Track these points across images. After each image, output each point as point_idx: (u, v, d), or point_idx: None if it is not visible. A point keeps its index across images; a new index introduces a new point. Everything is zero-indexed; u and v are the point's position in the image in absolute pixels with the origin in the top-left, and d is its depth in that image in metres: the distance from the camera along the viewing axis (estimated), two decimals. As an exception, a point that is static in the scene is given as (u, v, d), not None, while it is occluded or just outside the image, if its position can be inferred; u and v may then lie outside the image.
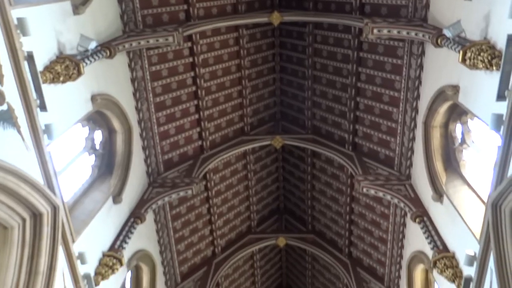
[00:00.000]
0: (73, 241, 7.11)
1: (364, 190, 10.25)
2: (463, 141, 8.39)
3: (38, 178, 6.26)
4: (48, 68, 6.51)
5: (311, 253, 14.58)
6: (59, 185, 6.85)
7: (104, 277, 7.99)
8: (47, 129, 6.42)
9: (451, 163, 8.72)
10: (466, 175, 8.39)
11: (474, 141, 8.20)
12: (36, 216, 6.16)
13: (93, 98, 7.96)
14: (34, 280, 5.90)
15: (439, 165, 8.69)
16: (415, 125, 9.52)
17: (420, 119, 9.11)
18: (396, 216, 10.80)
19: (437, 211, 8.73)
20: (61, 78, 6.66)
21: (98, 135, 9.12)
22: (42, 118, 6.34)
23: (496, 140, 6.29)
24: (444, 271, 7.66)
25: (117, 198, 8.99)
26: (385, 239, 11.52)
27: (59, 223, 6.37)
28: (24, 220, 6.06)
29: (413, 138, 9.69)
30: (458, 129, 8.55)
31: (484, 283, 6.58)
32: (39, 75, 6.24)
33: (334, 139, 12.22)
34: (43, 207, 6.17)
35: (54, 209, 6.31)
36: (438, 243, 8.29)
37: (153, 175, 10.88)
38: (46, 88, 6.46)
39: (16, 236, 5.98)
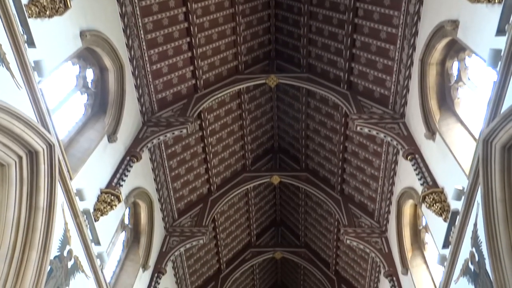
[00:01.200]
0: (71, 179, 7.23)
1: (358, 128, 10.34)
2: (459, 78, 8.34)
3: (31, 116, 6.22)
4: (33, 1, 6.23)
5: (304, 190, 14.97)
6: (53, 123, 6.83)
7: (103, 213, 8.21)
8: (37, 66, 6.28)
9: (446, 101, 8.73)
10: (460, 113, 8.45)
11: (470, 78, 8.16)
12: (32, 154, 6.19)
13: (82, 34, 7.71)
14: (35, 215, 6.06)
15: (433, 103, 8.70)
16: (412, 63, 9.40)
17: (417, 56, 8.98)
18: (389, 154, 10.99)
19: (429, 149, 8.88)
20: (48, 12, 6.40)
21: (90, 74, 8.95)
22: (31, 55, 6.18)
23: (492, 77, 6.27)
24: (433, 205, 7.94)
25: (112, 137, 9.01)
26: (377, 176, 11.81)
27: (56, 160, 6.42)
28: (20, 158, 6.09)
29: (409, 76, 9.61)
30: (454, 66, 8.47)
31: (470, 216, 6.85)
32: (24, 8, 5.99)
33: (329, 78, 12.10)
34: (39, 145, 6.19)
35: (50, 146, 6.33)
36: (428, 179, 8.52)
37: (147, 114, 10.84)
38: (33, 23, 6.23)
39: (14, 174, 6.05)
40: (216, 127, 13.05)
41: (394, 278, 10.93)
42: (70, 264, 7.22)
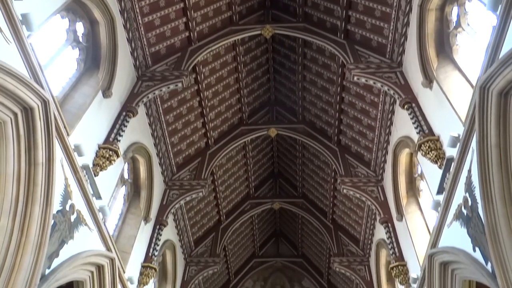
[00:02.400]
0: (68, 134, 7.23)
1: (355, 78, 10.24)
2: (458, 24, 8.16)
3: (23, 72, 6.12)
4: (15, -49, 5.94)
5: (301, 142, 15.07)
6: (46, 79, 6.73)
7: (102, 168, 8.29)
8: (25, 20, 6.11)
9: (444, 48, 8.60)
10: (458, 60, 8.34)
11: (470, 24, 7.99)
12: (27, 110, 6.15)
13: (69, -15, 7.43)
14: (35, 170, 6.11)
15: (431, 51, 8.57)
16: (410, 9, 9.16)
17: (415, 2, 8.74)
18: (385, 104, 10.97)
19: (426, 97, 8.85)
20: (32, -39, 6.12)
21: (80, 27, 8.71)
22: (17, 7, 5.98)
23: (491, 22, 6.13)
24: (428, 153, 8.04)
25: (106, 92, 8.92)
26: (373, 126, 11.86)
27: (51, 116, 6.40)
28: (15, 114, 6.06)
29: (407, 24, 9.39)
30: (454, 11, 8.27)
31: (464, 162, 6.96)
32: (7, -43, 5.72)
33: (326, 27, 11.82)
34: (33, 101, 6.14)
35: (44, 102, 6.28)
36: (425, 127, 8.56)
37: (141, 68, 10.68)
38: (16, -27, 5.97)
39: (10, 130, 6.04)
40: (212, 80, 12.91)
41: (389, 225, 11.27)
42: (73, 218, 7.39)
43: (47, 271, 6.54)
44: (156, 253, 11.28)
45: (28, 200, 6.02)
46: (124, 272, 9.52)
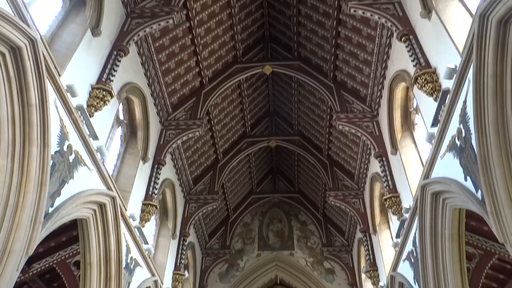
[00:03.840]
0: (59, 75, 7.10)
1: (352, 11, 9.90)
2: (460, -51, 7.79)
3: (7, 9, 5.87)
4: None
5: (297, 79, 14.91)
6: (32, 17, 6.48)
7: (97, 108, 8.23)
8: (3, -48, 5.75)
9: (444, -24, 8.26)
10: (458, -12, 8.05)
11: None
12: (15, 50, 5.99)
13: None
14: (29, 112, 6.08)
15: (431, -21, 8.25)
16: None
17: None
18: (382, 37, 10.73)
19: (424, 29, 8.64)
20: None
21: (61, -40, 8.25)
22: None
23: None
24: (424, 86, 7.99)
25: (95, 30, 8.64)
26: (370, 61, 11.68)
27: (41, 56, 6.24)
28: (3, 54, 5.90)
29: (407, -50, 8.96)
30: None
31: (460, 93, 6.94)
32: None
33: (321, -44, 11.27)
34: (20, 41, 5.96)
35: (32, 42, 6.10)
36: (421, 60, 8.44)
37: (129, 5, 10.26)
38: None
39: (0, 72, 5.91)
40: (204, 16, 12.46)
41: (384, 158, 11.50)
42: (71, 158, 7.46)
43: (51, 209, 6.72)
44: (156, 192, 11.55)
45: (25, 141, 6.03)
46: (126, 210, 9.79)
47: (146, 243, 11.09)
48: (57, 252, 9.26)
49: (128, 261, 9.84)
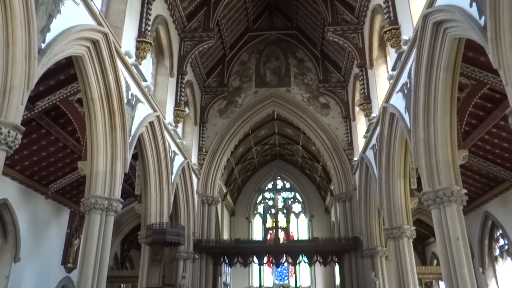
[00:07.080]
0: None
1: None
2: None
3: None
4: None
5: None
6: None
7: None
8: None
9: None
10: None
11: None
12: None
13: None
14: None
15: None
16: None
17: None
18: None
19: None
20: None
21: None
22: None
23: None
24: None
25: None
26: None
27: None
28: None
29: None
30: None
31: None
32: None
33: None
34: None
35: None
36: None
37: None
38: None
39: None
40: None
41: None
42: (54, -10, 6.98)
43: (43, 45, 6.57)
44: (149, 28, 11.19)
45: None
46: (120, 47, 9.62)
47: (145, 80, 11.23)
48: (58, 90, 9.40)
49: (129, 97, 10.11)
